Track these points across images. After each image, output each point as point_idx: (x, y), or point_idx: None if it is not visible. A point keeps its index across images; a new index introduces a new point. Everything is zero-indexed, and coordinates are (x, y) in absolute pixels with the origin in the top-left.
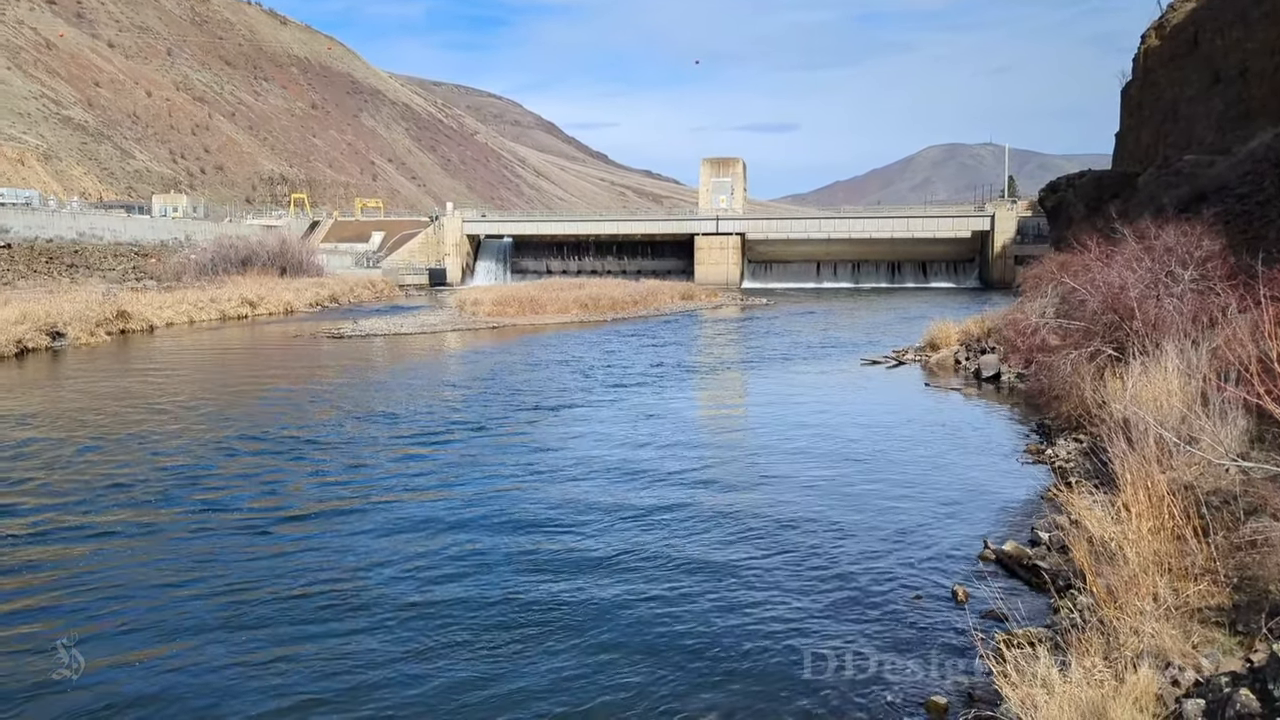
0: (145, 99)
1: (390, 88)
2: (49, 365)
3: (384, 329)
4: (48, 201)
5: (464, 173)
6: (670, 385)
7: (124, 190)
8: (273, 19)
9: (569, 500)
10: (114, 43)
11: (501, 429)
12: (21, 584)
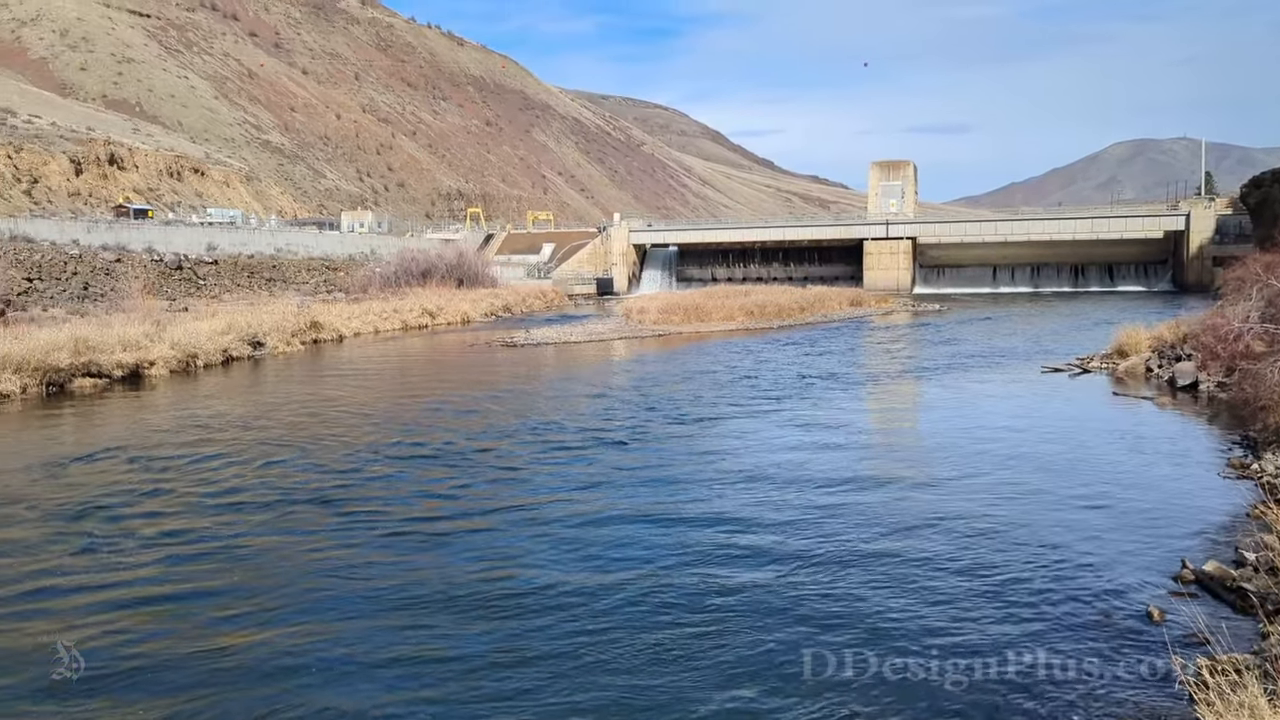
0: (335, 121)
1: (560, 102)
2: (250, 372)
3: (554, 337)
4: (249, 220)
5: (631, 183)
6: (839, 393)
7: (316, 208)
8: (451, 41)
9: (737, 508)
10: (308, 70)
11: (667, 436)
12: (204, 570)
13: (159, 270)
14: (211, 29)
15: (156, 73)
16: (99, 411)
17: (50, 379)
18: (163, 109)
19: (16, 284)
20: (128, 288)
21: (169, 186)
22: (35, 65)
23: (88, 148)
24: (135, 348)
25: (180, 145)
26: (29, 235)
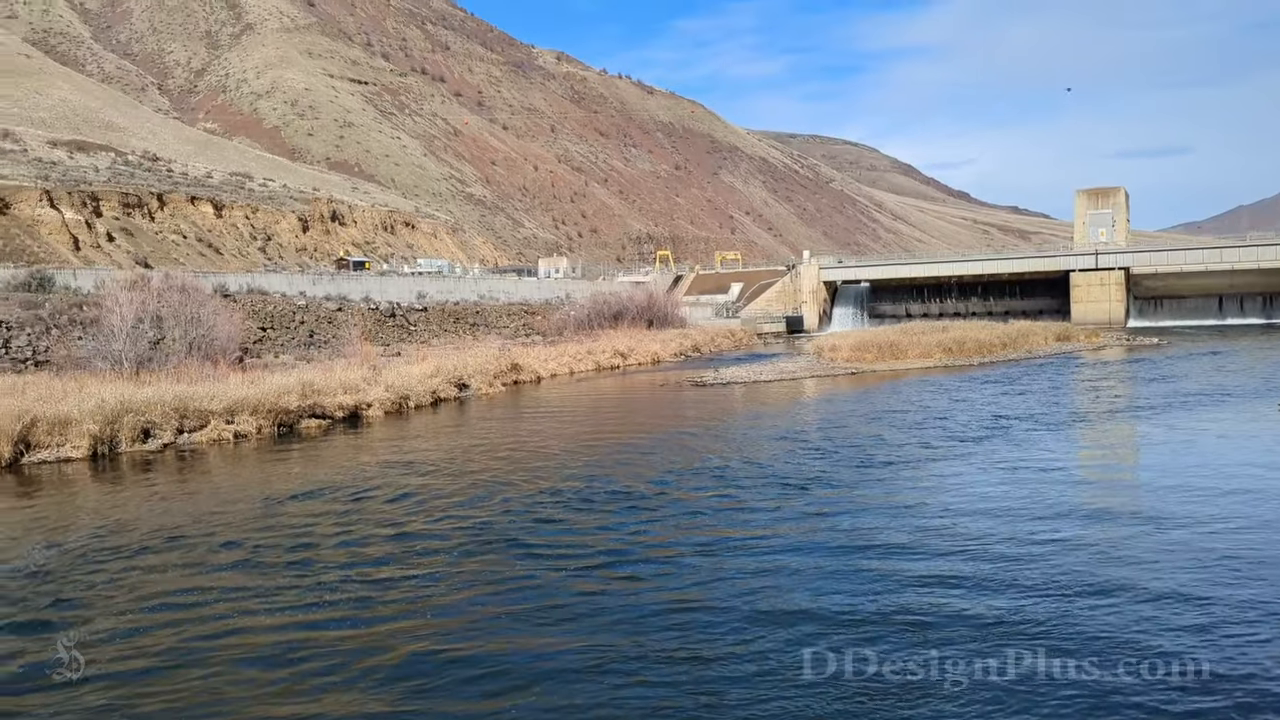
0: (533, 173)
1: (747, 144)
2: (456, 413)
3: (743, 377)
4: (454, 269)
5: (820, 220)
6: (1048, 433)
7: (515, 255)
8: (641, 90)
9: (938, 551)
10: (507, 125)
11: (860, 478)
12: (395, 605)
13: (375, 318)
14: (421, 91)
15: (373, 135)
16: (321, 450)
17: (281, 420)
18: (378, 168)
19: (253, 333)
20: (347, 335)
21: (383, 240)
22: (269, 133)
23: (313, 207)
24: (354, 391)
25: (393, 201)
26: (263, 288)
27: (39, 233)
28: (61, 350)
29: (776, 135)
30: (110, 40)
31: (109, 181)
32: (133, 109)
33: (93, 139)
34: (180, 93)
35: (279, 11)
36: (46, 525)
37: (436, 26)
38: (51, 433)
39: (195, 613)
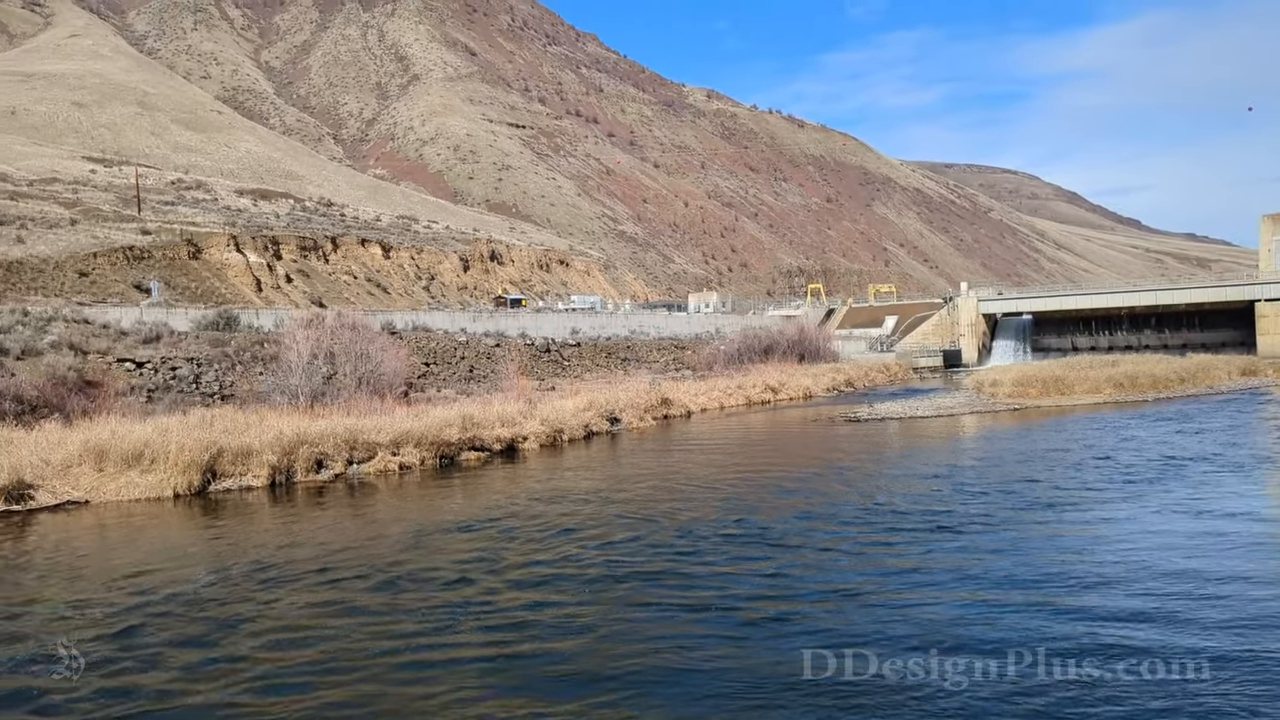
0: (683, 209)
1: (901, 175)
2: (608, 446)
3: (899, 412)
4: (606, 305)
5: (978, 251)
6: (1231, 475)
7: (665, 291)
8: (791, 124)
9: (1107, 605)
10: (658, 163)
11: (1021, 518)
12: (537, 640)
13: (530, 353)
14: (576, 133)
15: (529, 176)
16: (480, 482)
17: (443, 452)
18: (534, 208)
19: (417, 368)
20: (505, 370)
21: (539, 277)
22: (433, 178)
23: (473, 247)
24: (511, 424)
25: (548, 240)
26: (427, 325)
27: (226, 275)
28: (245, 385)
29: (931, 165)
30: (291, 95)
31: (288, 226)
32: (310, 158)
33: (274, 187)
34: (353, 141)
35: (443, 62)
36: (220, 550)
37: (590, 70)
38: (235, 462)
39: (341, 639)
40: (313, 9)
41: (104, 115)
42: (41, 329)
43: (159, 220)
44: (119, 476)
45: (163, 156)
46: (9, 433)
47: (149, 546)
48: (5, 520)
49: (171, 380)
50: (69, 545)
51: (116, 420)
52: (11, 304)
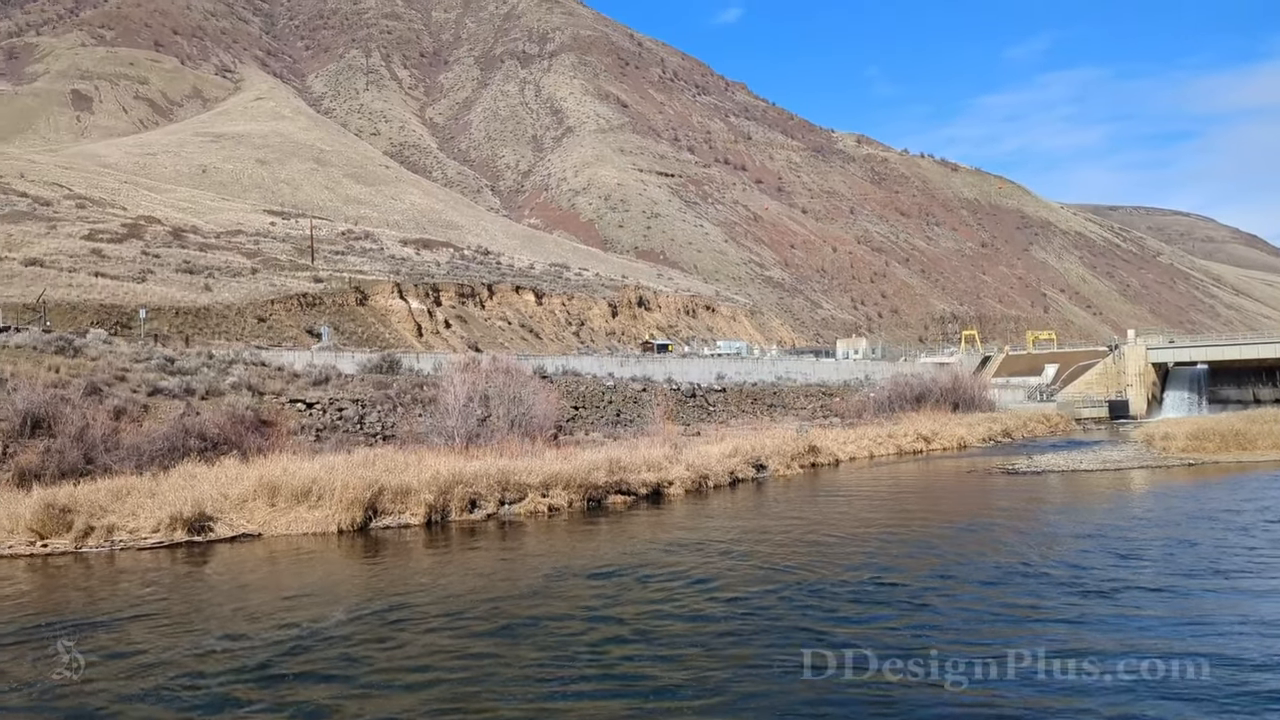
0: (831, 254)
1: (1061, 218)
2: (753, 494)
3: (1060, 465)
4: (752, 350)
5: (1145, 297)
6: None
7: (812, 337)
8: (944, 168)
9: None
10: (806, 208)
11: (1192, 586)
12: (660, 684)
13: (676, 398)
14: (724, 180)
15: (677, 224)
16: (625, 526)
17: (590, 495)
18: (681, 255)
19: (566, 411)
20: (651, 414)
21: (685, 323)
22: (584, 226)
23: (621, 293)
24: (657, 469)
25: (694, 286)
26: (576, 370)
27: (390, 320)
28: (405, 426)
29: (1094, 208)
30: (453, 149)
31: (448, 274)
32: (469, 209)
33: (436, 237)
34: (509, 192)
35: (596, 114)
36: (375, 586)
37: (739, 118)
38: (395, 501)
39: (463, 683)
40: (474, 67)
41: (284, 171)
42: (224, 371)
43: (330, 269)
44: (289, 512)
45: (335, 209)
46: (193, 468)
47: (310, 581)
48: (187, 550)
49: (338, 420)
50: (238, 577)
51: (288, 458)
52: (198, 347)
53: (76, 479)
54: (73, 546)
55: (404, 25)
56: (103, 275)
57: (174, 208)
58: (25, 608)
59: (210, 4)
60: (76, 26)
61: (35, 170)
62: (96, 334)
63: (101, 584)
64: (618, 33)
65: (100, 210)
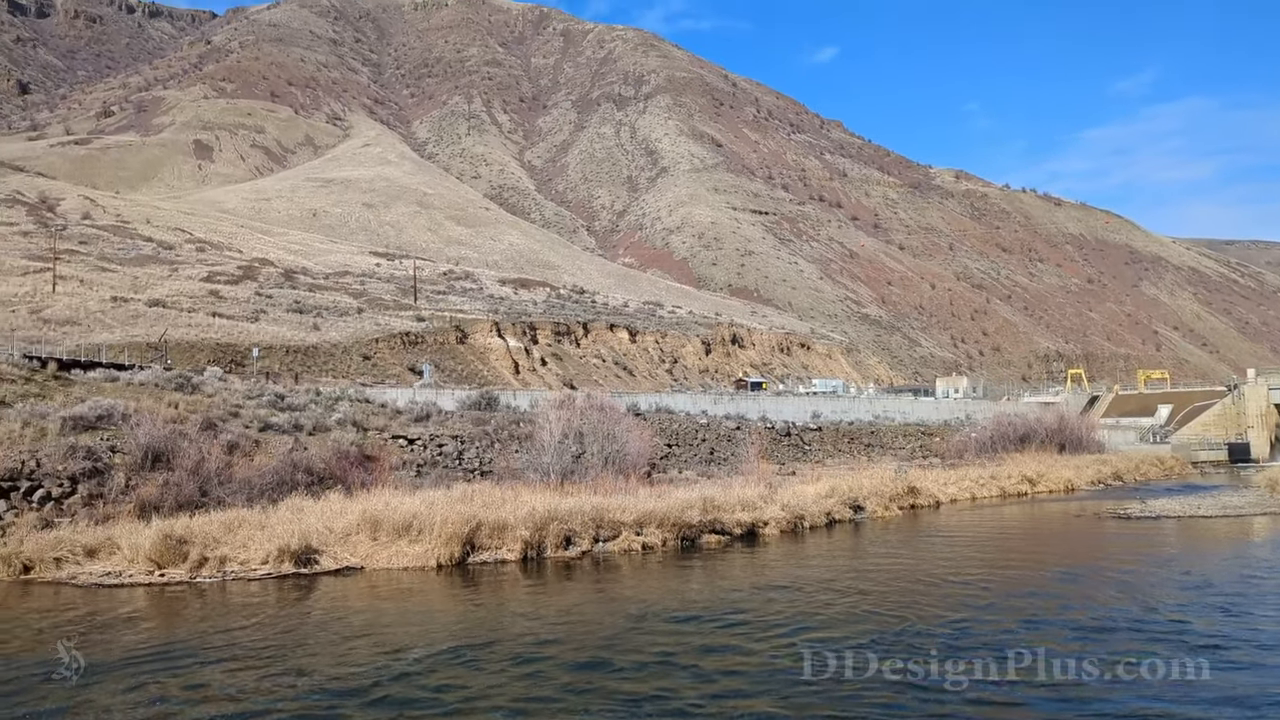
0: (929, 291)
1: (1173, 253)
2: (850, 535)
3: (1176, 510)
4: (849, 389)
5: (1267, 335)
6: None
7: (910, 375)
8: (1047, 202)
9: None
10: (904, 245)
11: None
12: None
13: (771, 436)
14: (818, 218)
15: (771, 261)
16: (719, 566)
17: (684, 534)
18: (775, 292)
19: (659, 449)
20: (745, 453)
21: (779, 360)
22: (678, 265)
23: (715, 331)
24: (751, 508)
25: (789, 323)
26: (669, 407)
27: (488, 358)
28: (502, 462)
29: (1208, 242)
30: (550, 191)
31: (544, 313)
32: (565, 248)
33: (533, 276)
34: (604, 232)
35: (690, 154)
36: (470, 622)
37: (834, 155)
38: (492, 536)
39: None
40: (571, 110)
41: (389, 214)
42: (330, 407)
43: (431, 308)
44: (390, 545)
45: (437, 250)
46: (300, 501)
47: (409, 615)
48: (294, 581)
49: (438, 456)
50: (341, 610)
51: (389, 493)
52: (307, 384)
53: (192, 511)
54: (188, 576)
55: (504, 71)
56: (219, 315)
57: (286, 250)
58: (144, 636)
59: (323, 56)
60: (200, 80)
61: (160, 216)
62: (213, 371)
63: (213, 614)
64: (712, 74)
65: (218, 253)
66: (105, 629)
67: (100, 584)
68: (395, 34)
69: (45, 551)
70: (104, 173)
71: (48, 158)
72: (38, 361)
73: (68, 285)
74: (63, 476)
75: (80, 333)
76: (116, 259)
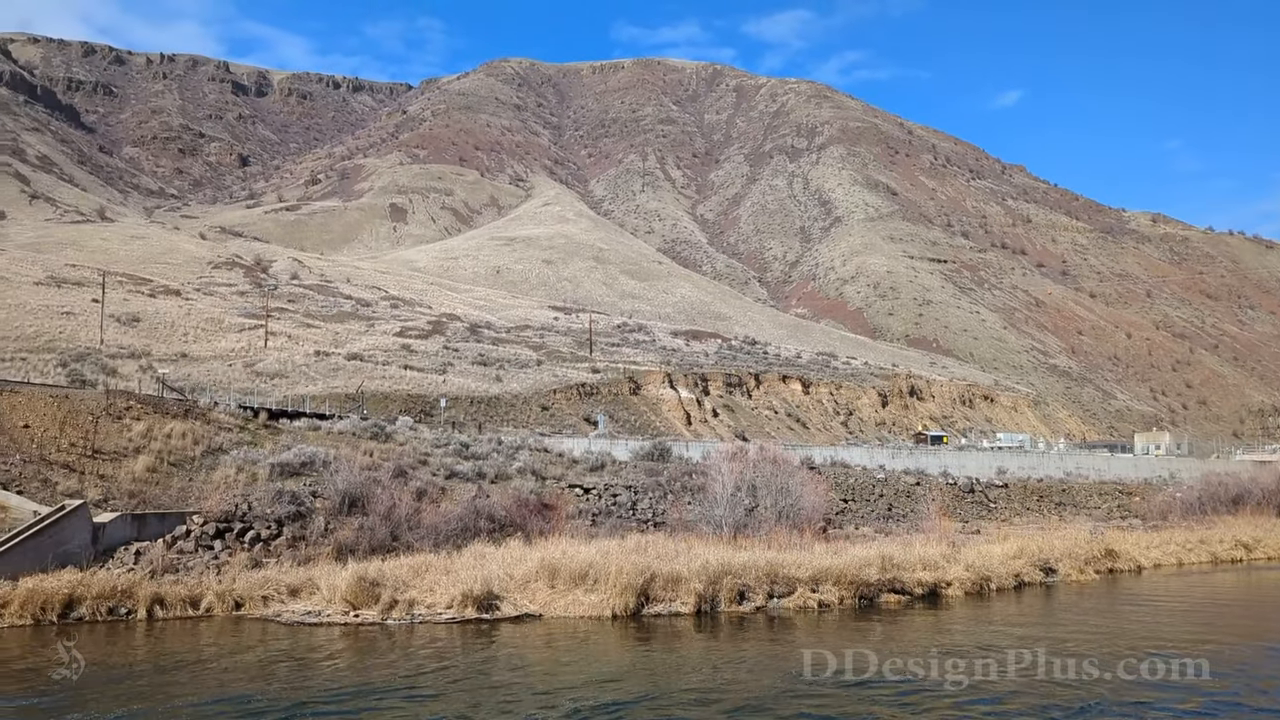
0: (1124, 341)
1: None
2: (1041, 599)
3: None
4: (1037, 443)
5: None
6: None
7: (1105, 430)
8: (1258, 245)
9: None
10: (1095, 292)
11: None
12: None
13: (952, 493)
14: (1001, 265)
15: (951, 311)
16: (897, 627)
17: (861, 592)
18: (956, 342)
19: (834, 504)
20: (925, 509)
21: (961, 413)
22: (852, 315)
23: (892, 382)
24: (933, 568)
25: (971, 374)
26: (845, 461)
27: (660, 409)
28: (674, 513)
29: None
30: (722, 243)
31: (715, 364)
32: (737, 300)
33: (704, 327)
34: (776, 283)
35: (865, 204)
36: (643, 673)
37: (1018, 200)
38: (665, 588)
39: None
40: (744, 164)
41: (566, 270)
42: (511, 456)
43: (606, 360)
44: (567, 594)
45: (611, 303)
46: (482, 547)
47: (585, 664)
48: (476, 626)
49: (612, 505)
50: (521, 656)
51: (566, 541)
52: (489, 433)
53: (384, 554)
54: (379, 618)
55: (678, 129)
56: (410, 368)
57: (471, 305)
58: (340, 674)
59: (507, 121)
60: (396, 148)
61: (359, 275)
62: (404, 421)
63: (402, 655)
64: (887, 122)
65: (410, 309)
66: (308, 667)
67: (302, 622)
68: (574, 97)
69: (255, 590)
70: (311, 235)
71: (262, 223)
72: (250, 411)
73: (277, 340)
74: (270, 519)
75: (287, 384)
76: (320, 315)
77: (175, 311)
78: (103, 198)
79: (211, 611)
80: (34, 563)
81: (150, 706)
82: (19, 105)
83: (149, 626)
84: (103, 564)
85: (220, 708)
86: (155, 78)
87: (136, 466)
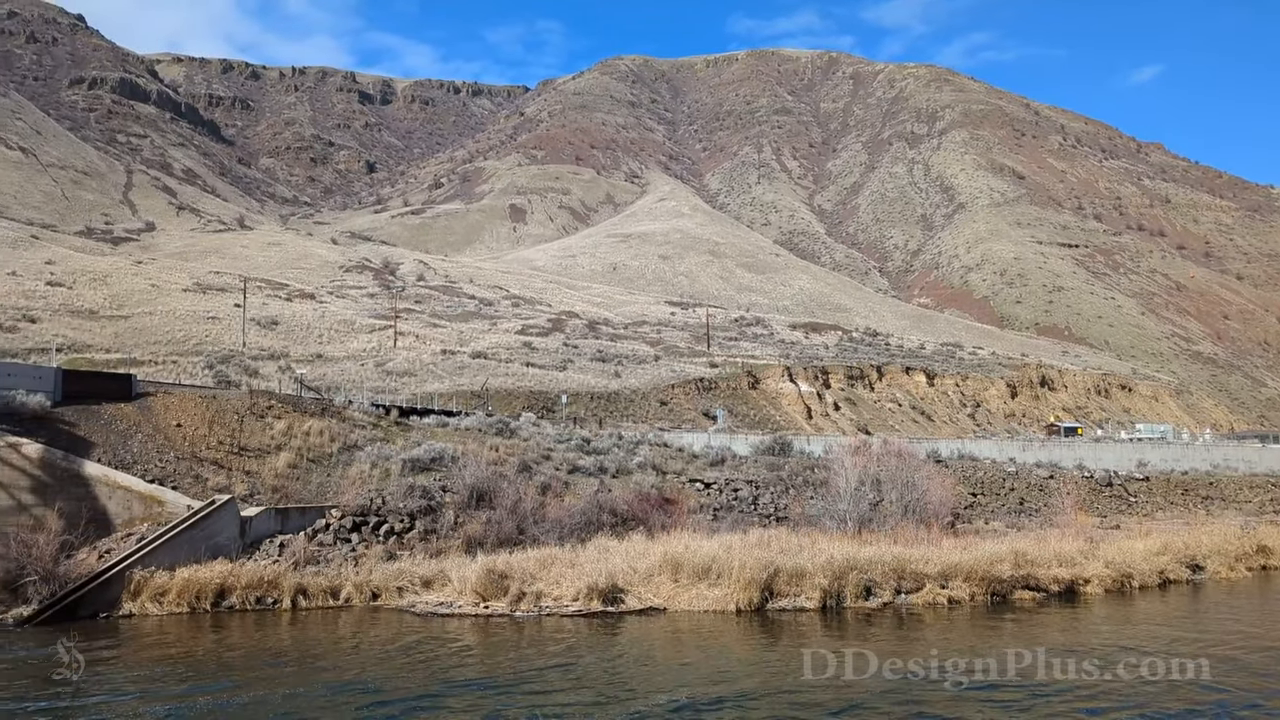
0: (1276, 325)
1: None
2: (1188, 597)
3: None
4: (1180, 434)
5: None
6: None
7: (1255, 420)
8: None
9: None
10: (1242, 274)
11: None
12: None
13: (1089, 486)
14: (1138, 249)
15: (1084, 297)
16: (1032, 626)
17: (993, 589)
18: (1089, 330)
19: (963, 498)
20: (1059, 504)
21: (1096, 404)
22: (978, 304)
23: (1021, 372)
24: (1069, 564)
25: (1106, 363)
26: (973, 454)
27: (780, 403)
28: (796, 508)
29: None
30: (840, 234)
31: (836, 357)
32: (856, 291)
33: (823, 320)
34: (897, 273)
35: (989, 188)
36: (769, 670)
37: (1155, 180)
38: (790, 583)
39: None
40: (862, 152)
41: (682, 265)
42: (631, 451)
43: (724, 354)
44: (690, 588)
45: (728, 297)
46: (605, 541)
47: (711, 659)
48: (601, 620)
49: (733, 500)
50: (648, 650)
51: (688, 535)
52: (610, 429)
53: (510, 548)
54: (508, 610)
55: (793, 119)
56: (532, 365)
57: (589, 303)
58: (468, 665)
59: (621, 118)
60: (515, 150)
61: (481, 275)
62: (527, 417)
63: (531, 647)
64: (1012, 104)
65: (530, 308)
66: (443, 658)
67: (435, 613)
68: (688, 91)
69: (390, 581)
70: (435, 238)
71: (389, 227)
72: (382, 409)
73: (405, 340)
74: (403, 513)
75: (415, 382)
76: (445, 315)
77: (310, 314)
78: (242, 207)
79: (350, 602)
80: (188, 554)
81: (296, 690)
82: (165, 122)
83: (293, 616)
84: (250, 556)
85: (358, 694)
86: (288, 90)
87: (278, 463)
